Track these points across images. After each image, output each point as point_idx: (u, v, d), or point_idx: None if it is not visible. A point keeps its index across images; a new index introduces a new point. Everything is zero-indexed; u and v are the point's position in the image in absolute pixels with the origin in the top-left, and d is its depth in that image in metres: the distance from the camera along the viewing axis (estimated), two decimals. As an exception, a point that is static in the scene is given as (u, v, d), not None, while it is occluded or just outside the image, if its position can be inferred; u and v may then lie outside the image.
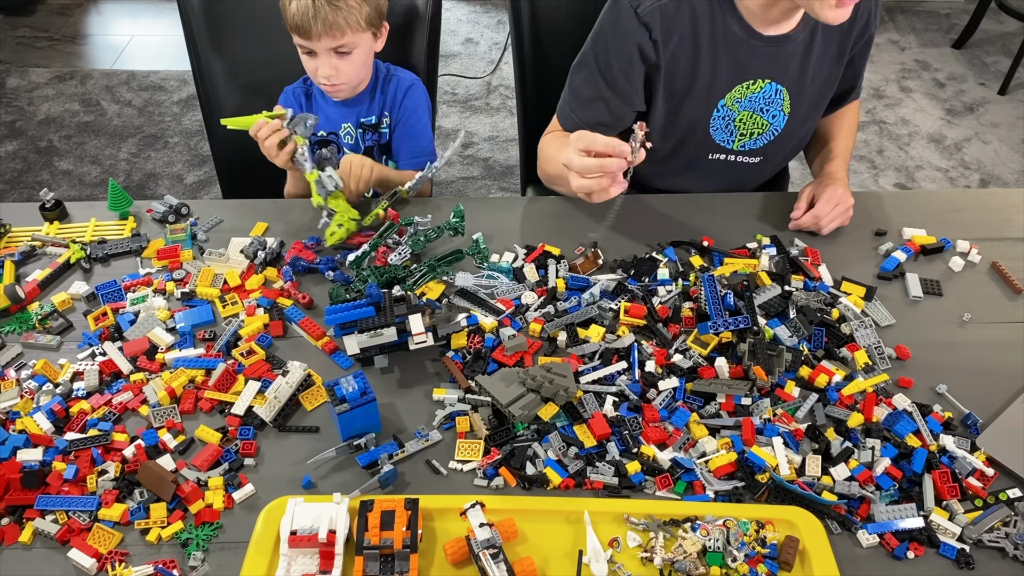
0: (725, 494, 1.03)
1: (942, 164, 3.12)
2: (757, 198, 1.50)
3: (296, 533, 0.93)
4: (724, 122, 1.44)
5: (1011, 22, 3.81)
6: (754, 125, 1.45)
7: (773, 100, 1.43)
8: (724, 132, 1.46)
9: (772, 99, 1.43)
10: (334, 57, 1.52)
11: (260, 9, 1.69)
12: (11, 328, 1.24)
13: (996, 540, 0.98)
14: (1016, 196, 1.51)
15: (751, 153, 1.50)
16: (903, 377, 1.17)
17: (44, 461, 1.04)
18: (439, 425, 1.11)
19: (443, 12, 1.93)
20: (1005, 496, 1.02)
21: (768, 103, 1.43)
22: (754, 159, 1.51)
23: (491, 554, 0.90)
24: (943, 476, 1.03)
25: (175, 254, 1.34)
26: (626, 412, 1.12)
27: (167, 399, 1.13)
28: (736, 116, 1.44)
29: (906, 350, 1.20)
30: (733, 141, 1.47)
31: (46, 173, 2.99)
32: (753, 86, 1.41)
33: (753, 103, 1.43)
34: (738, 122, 1.45)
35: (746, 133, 1.46)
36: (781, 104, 1.44)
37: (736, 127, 1.45)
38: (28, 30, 3.78)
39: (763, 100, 1.42)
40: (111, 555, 0.96)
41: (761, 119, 1.45)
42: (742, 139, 1.47)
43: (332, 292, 1.24)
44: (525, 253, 1.36)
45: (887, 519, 0.99)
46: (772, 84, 1.41)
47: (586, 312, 1.23)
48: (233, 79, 1.75)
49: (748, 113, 1.43)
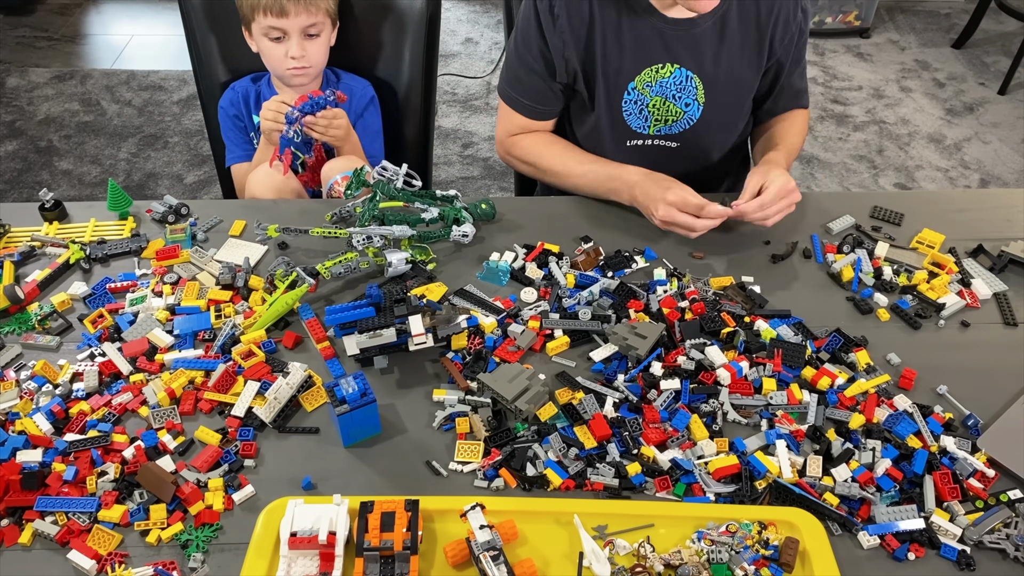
0: (725, 496, 1.02)
1: (942, 164, 3.12)
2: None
3: (296, 534, 0.93)
4: (637, 107, 1.45)
5: (1011, 22, 3.81)
6: (667, 112, 1.46)
7: (685, 87, 1.43)
8: (639, 118, 1.47)
9: (684, 86, 1.43)
10: (304, 39, 1.59)
11: (260, 9, 1.69)
12: (11, 328, 1.24)
13: (997, 541, 0.98)
14: (1016, 196, 1.51)
15: (668, 138, 1.51)
16: (906, 372, 1.17)
17: (44, 462, 1.04)
18: (439, 426, 1.11)
19: (443, 12, 1.93)
20: (1006, 497, 1.02)
21: (680, 90, 1.43)
22: (672, 143, 1.51)
23: (491, 556, 0.90)
24: (944, 477, 1.03)
25: (174, 254, 1.34)
26: (626, 413, 1.11)
27: (167, 400, 1.13)
28: (649, 101, 1.44)
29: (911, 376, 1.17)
30: (648, 127, 1.48)
31: (46, 173, 2.99)
32: (663, 70, 1.41)
33: (665, 89, 1.43)
34: (651, 107, 1.45)
35: (660, 119, 1.47)
36: (695, 92, 1.44)
37: (650, 112, 1.46)
38: (28, 30, 3.77)
39: (674, 86, 1.43)
40: (111, 556, 0.96)
41: (674, 106, 1.45)
42: (657, 124, 1.48)
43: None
44: (525, 253, 1.37)
45: (888, 520, 0.99)
46: (682, 70, 1.41)
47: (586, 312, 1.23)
48: (233, 79, 1.75)
49: (660, 99, 1.44)
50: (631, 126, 1.48)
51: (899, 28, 3.92)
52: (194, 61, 1.75)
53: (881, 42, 3.82)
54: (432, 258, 1.34)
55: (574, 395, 1.13)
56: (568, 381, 1.15)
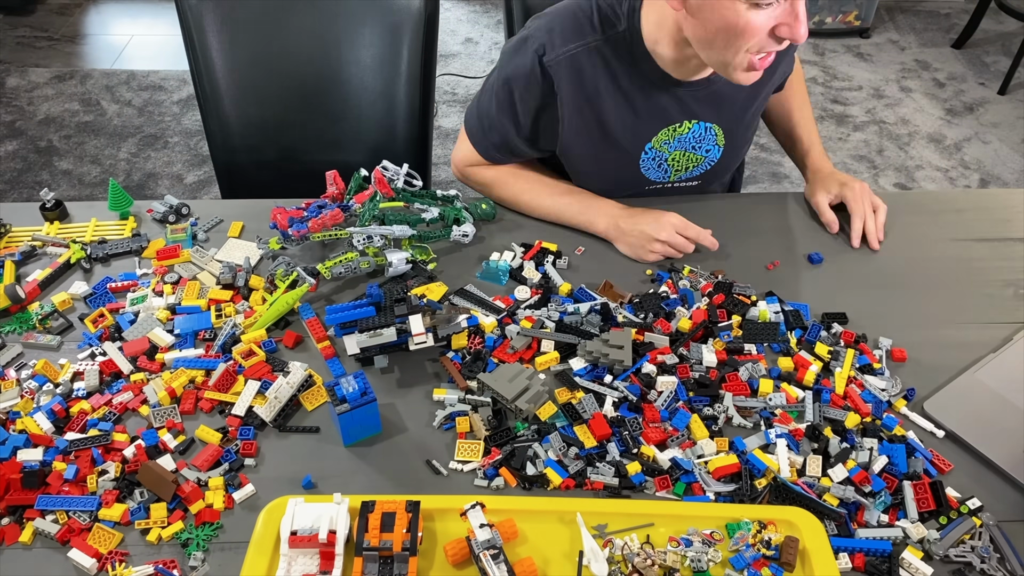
0: (725, 495, 1.03)
1: (942, 164, 3.12)
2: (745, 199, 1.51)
3: (296, 533, 0.93)
4: (656, 162, 1.42)
5: (1011, 22, 3.82)
6: (688, 161, 1.43)
7: (704, 137, 1.40)
8: (657, 171, 1.43)
9: (703, 136, 1.40)
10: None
11: (259, 8, 1.69)
12: (11, 328, 1.24)
13: (963, 555, 0.97)
14: (1016, 196, 1.51)
15: (689, 180, 1.48)
16: (846, 331, 1.22)
17: (44, 461, 1.04)
18: (439, 425, 1.11)
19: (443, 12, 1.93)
20: (966, 508, 1.01)
21: (699, 140, 1.40)
22: (694, 183, 1.49)
23: (491, 555, 0.90)
24: (920, 487, 1.02)
25: (175, 254, 1.34)
26: (626, 412, 1.12)
27: (167, 399, 1.13)
28: (668, 156, 1.41)
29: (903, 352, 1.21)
30: (668, 177, 1.45)
31: (46, 173, 2.99)
32: (680, 128, 1.37)
33: (684, 143, 1.40)
34: (671, 161, 1.42)
35: (680, 168, 1.44)
36: (714, 139, 1.41)
37: (670, 165, 1.43)
38: (28, 30, 3.78)
39: (694, 139, 1.40)
40: (111, 555, 0.96)
41: (695, 155, 1.42)
42: (677, 173, 1.45)
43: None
44: (523, 251, 1.37)
45: (867, 535, 0.99)
46: (701, 124, 1.38)
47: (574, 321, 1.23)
48: (232, 79, 1.75)
49: (680, 152, 1.41)
50: (650, 178, 1.45)
51: (899, 28, 3.92)
52: (192, 61, 1.75)
53: (881, 42, 3.82)
54: (432, 258, 1.35)
55: (573, 395, 1.14)
56: (567, 381, 1.15)
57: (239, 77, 1.75)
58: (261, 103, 1.77)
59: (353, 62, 1.74)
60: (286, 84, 1.75)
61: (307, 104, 1.77)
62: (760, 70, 1.18)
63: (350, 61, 1.73)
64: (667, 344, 1.19)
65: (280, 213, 1.33)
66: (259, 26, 1.70)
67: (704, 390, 1.14)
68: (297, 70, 1.72)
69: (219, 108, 1.76)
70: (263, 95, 1.76)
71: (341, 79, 1.74)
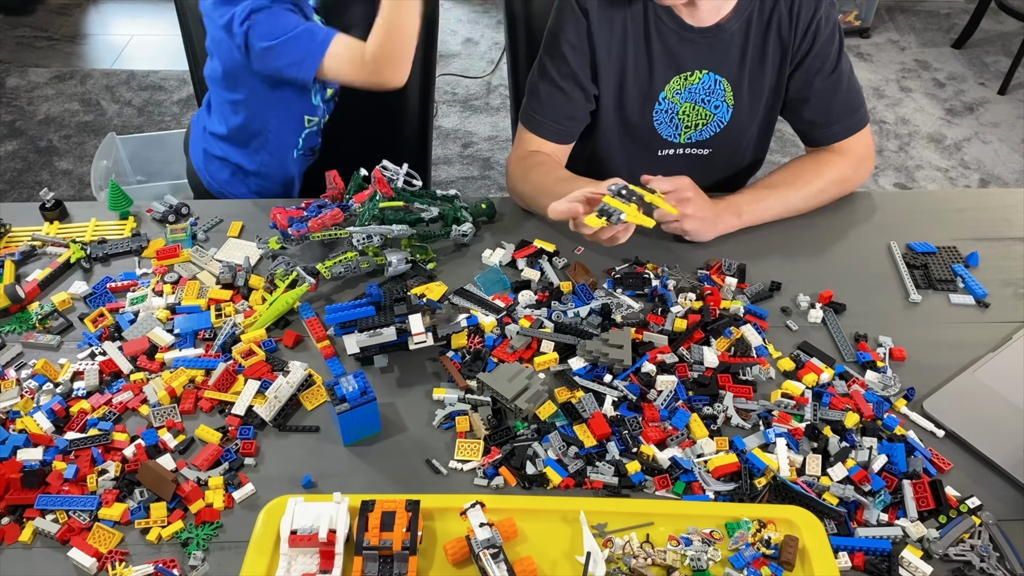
0: (725, 494, 1.03)
1: (942, 164, 3.12)
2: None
3: (296, 533, 0.93)
4: (668, 116, 1.47)
5: (1011, 22, 3.81)
6: (698, 116, 1.47)
7: (714, 90, 1.45)
8: (669, 126, 1.48)
9: (713, 89, 1.45)
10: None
11: (260, 9, 1.69)
12: (11, 328, 1.24)
13: (962, 553, 0.97)
14: (1016, 196, 1.51)
15: (699, 145, 1.52)
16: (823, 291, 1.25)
17: (44, 460, 1.04)
18: (439, 425, 1.11)
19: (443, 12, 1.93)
20: (965, 508, 1.01)
21: (709, 93, 1.45)
22: (703, 151, 1.52)
23: (491, 554, 0.90)
24: (919, 486, 1.02)
25: (175, 254, 1.34)
26: (626, 412, 1.12)
27: (167, 399, 1.13)
28: (679, 109, 1.46)
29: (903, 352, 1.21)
30: (679, 135, 1.50)
31: (46, 173, 2.99)
32: (691, 77, 1.43)
33: (694, 94, 1.45)
34: (682, 115, 1.47)
35: (691, 125, 1.48)
36: (723, 95, 1.45)
37: (680, 120, 1.47)
38: (28, 30, 3.78)
39: (703, 91, 1.44)
40: (111, 554, 0.97)
41: (704, 109, 1.46)
42: (688, 131, 1.49)
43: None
44: (515, 249, 1.37)
45: (866, 534, 0.99)
46: (711, 75, 1.43)
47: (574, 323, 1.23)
48: (233, 79, 1.75)
49: (691, 104, 1.46)
50: (662, 135, 1.50)
51: (899, 28, 3.92)
52: (191, 61, 1.75)
53: (881, 42, 3.82)
54: (432, 257, 1.35)
55: (573, 394, 1.14)
56: (567, 380, 1.16)
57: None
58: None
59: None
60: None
61: (307, 104, 1.76)
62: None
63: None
64: (666, 343, 1.19)
65: (280, 213, 1.33)
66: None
67: (703, 389, 1.14)
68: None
69: (219, 108, 1.76)
70: (263, 95, 1.75)
71: (341, 79, 1.74)
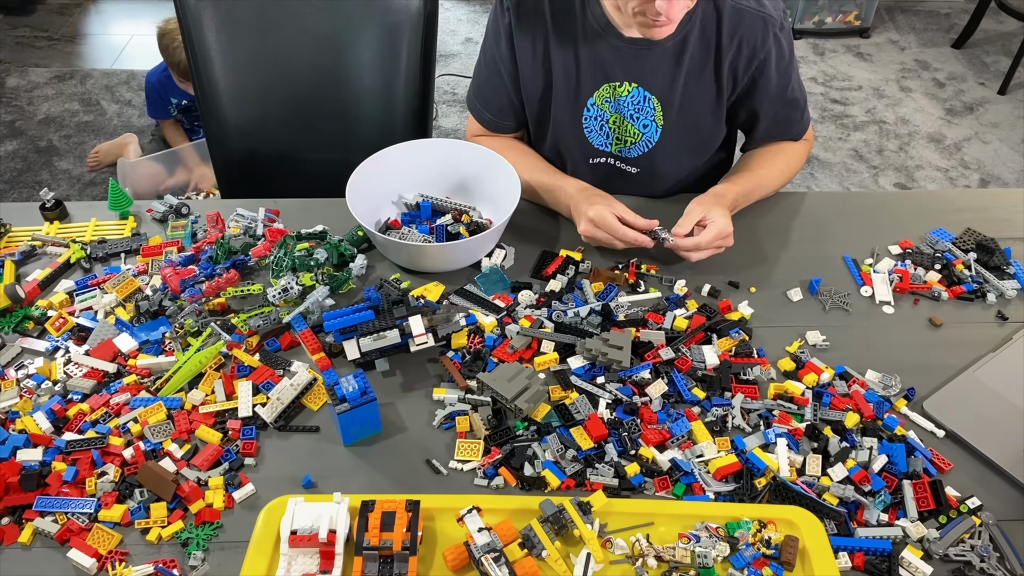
0: (725, 495, 1.03)
1: (942, 164, 3.12)
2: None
3: (296, 533, 0.93)
4: (597, 123, 1.44)
5: (1011, 22, 3.82)
6: (626, 132, 1.43)
7: (643, 108, 1.40)
8: (600, 135, 1.45)
9: (642, 106, 1.40)
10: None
11: (258, 8, 1.69)
12: (7, 324, 1.24)
13: (962, 554, 0.97)
14: (1016, 196, 1.51)
15: (629, 162, 1.47)
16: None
17: (44, 461, 1.04)
18: (439, 425, 1.11)
19: (443, 12, 1.93)
20: (966, 508, 1.01)
21: (638, 110, 1.40)
22: (633, 168, 1.48)
23: (493, 558, 0.90)
24: (920, 486, 1.02)
25: (159, 252, 1.34)
26: (623, 415, 1.11)
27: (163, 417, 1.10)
28: (608, 117, 1.42)
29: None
30: (610, 144, 1.46)
31: (46, 173, 2.99)
32: (620, 89, 1.39)
33: (622, 107, 1.40)
34: (612, 124, 1.43)
35: (621, 139, 1.45)
36: (652, 113, 1.40)
37: (611, 129, 1.44)
38: (28, 30, 3.78)
39: (632, 106, 1.40)
40: (111, 555, 0.96)
41: (632, 127, 1.42)
42: (619, 144, 1.45)
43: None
44: (515, 252, 1.37)
45: (867, 534, 0.99)
46: (639, 89, 1.38)
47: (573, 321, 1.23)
48: (232, 79, 1.75)
49: (619, 117, 1.41)
50: (593, 143, 1.46)
51: (899, 28, 3.92)
52: (191, 61, 1.75)
53: (881, 42, 3.82)
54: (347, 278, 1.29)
55: (566, 394, 1.14)
56: (564, 381, 1.15)
57: (238, 77, 1.75)
58: (260, 103, 1.77)
59: (352, 62, 1.74)
60: (285, 84, 1.74)
61: (306, 104, 1.77)
62: (665, 25, 1.24)
63: (349, 61, 1.73)
64: (663, 340, 1.19)
65: (172, 273, 1.26)
66: (258, 26, 1.70)
67: (705, 385, 1.14)
68: (296, 70, 1.72)
69: (218, 108, 1.76)
70: (262, 95, 1.76)
71: (340, 79, 1.74)
